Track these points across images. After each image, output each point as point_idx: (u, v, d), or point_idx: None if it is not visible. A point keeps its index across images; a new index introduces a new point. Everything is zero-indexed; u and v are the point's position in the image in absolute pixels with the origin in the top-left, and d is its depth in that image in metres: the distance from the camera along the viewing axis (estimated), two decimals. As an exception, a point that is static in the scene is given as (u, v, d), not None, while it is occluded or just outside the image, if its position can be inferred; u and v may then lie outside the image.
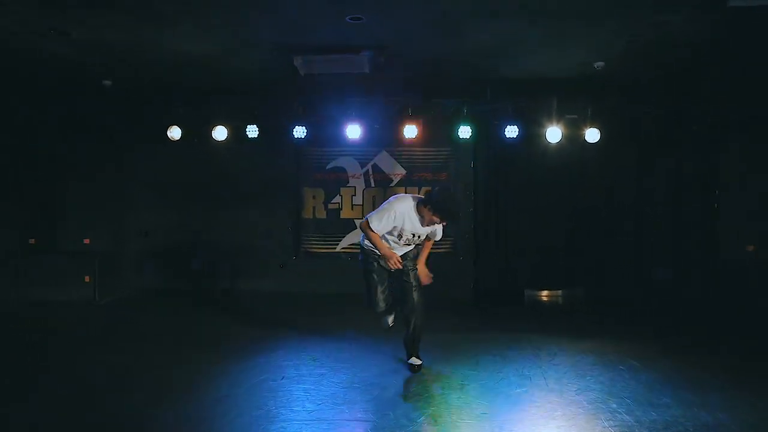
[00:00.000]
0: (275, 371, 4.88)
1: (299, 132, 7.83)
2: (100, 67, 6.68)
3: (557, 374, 4.78)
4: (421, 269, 4.87)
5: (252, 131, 7.92)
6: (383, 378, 4.73)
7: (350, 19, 5.01)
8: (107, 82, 7.27)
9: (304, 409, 4.07)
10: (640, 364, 5.03)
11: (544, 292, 8.60)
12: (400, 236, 4.65)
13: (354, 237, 8.22)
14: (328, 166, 8.62)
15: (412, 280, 4.79)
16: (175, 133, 7.93)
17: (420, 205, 4.58)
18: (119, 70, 6.82)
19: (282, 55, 6.16)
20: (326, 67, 6.42)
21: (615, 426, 3.73)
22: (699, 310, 7.42)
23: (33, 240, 8.06)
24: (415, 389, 4.52)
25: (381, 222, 4.56)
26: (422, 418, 3.93)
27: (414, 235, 4.69)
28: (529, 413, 4.00)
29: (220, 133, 7.92)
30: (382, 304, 4.87)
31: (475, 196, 8.58)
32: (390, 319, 5.05)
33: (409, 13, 4.93)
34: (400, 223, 4.58)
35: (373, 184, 8.56)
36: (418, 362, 4.89)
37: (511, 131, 7.66)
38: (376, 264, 4.81)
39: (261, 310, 7.50)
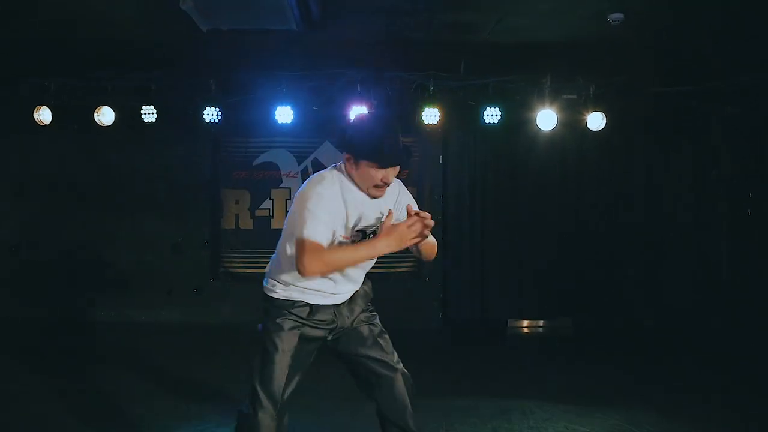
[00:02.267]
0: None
1: (211, 115, 5.95)
2: None
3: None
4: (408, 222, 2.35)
5: (148, 114, 6.01)
6: None
7: None
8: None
9: None
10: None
11: (533, 323, 6.83)
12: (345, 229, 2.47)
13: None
14: (255, 162, 6.70)
15: (386, 353, 2.60)
16: (44, 115, 6.01)
17: (346, 169, 2.48)
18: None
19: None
20: (235, 19, 4.58)
21: None
22: (741, 352, 5.71)
23: None
24: None
25: (320, 225, 2.34)
26: None
27: (365, 230, 2.53)
28: None
29: (106, 115, 6.00)
30: (277, 395, 2.44)
31: (445, 200, 6.76)
32: None
33: None
34: (340, 216, 2.43)
35: (313, 185, 6.66)
36: None
37: (492, 115, 5.96)
38: (290, 326, 2.51)
39: (162, 354, 5.53)
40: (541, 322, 6.84)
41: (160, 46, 5.47)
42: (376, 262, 2.61)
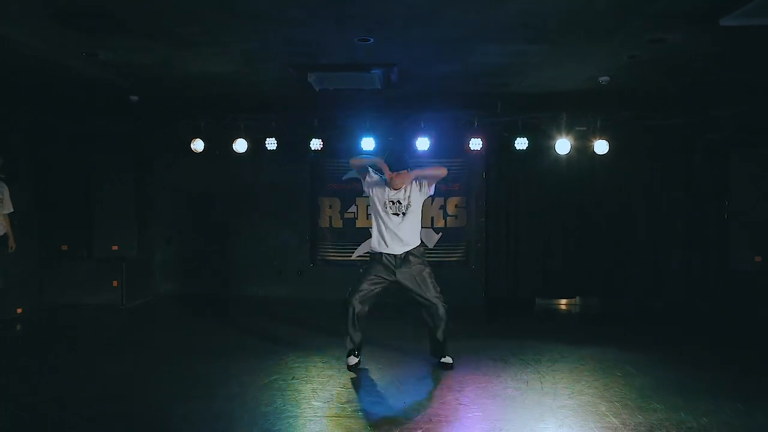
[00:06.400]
0: (285, 372, 5.18)
1: (315, 144, 8.17)
2: (128, 84, 7.11)
3: (554, 379, 4.99)
4: None
5: (271, 144, 8.26)
6: (388, 380, 5.01)
7: (359, 40, 5.31)
8: (134, 98, 7.70)
9: (310, 406, 4.36)
10: (636, 370, 5.21)
11: (555, 301, 8.79)
12: (385, 205, 5.22)
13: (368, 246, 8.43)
14: (344, 177, 8.91)
15: (431, 290, 5.22)
16: (198, 145, 8.31)
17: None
18: (145, 87, 7.25)
19: (297, 73, 6.50)
20: (340, 83, 6.75)
21: (601, 428, 3.94)
22: (708, 321, 7.55)
23: (65, 246, 8.50)
24: (414, 389, 4.79)
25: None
26: (419, 415, 4.18)
27: (394, 203, 5.20)
28: (521, 415, 4.22)
29: (240, 145, 8.27)
30: (356, 300, 5.36)
31: (487, 205, 8.80)
32: (353, 359, 5.34)
33: (413, 36, 5.20)
34: (371, 187, 5.30)
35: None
36: (450, 360, 5.37)
37: (521, 143, 7.89)
38: (375, 271, 5.28)
39: (277, 316, 7.81)
40: (564, 300, 8.77)
41: (282, 97, 7.73)
42: (432, 253, 5.18)
